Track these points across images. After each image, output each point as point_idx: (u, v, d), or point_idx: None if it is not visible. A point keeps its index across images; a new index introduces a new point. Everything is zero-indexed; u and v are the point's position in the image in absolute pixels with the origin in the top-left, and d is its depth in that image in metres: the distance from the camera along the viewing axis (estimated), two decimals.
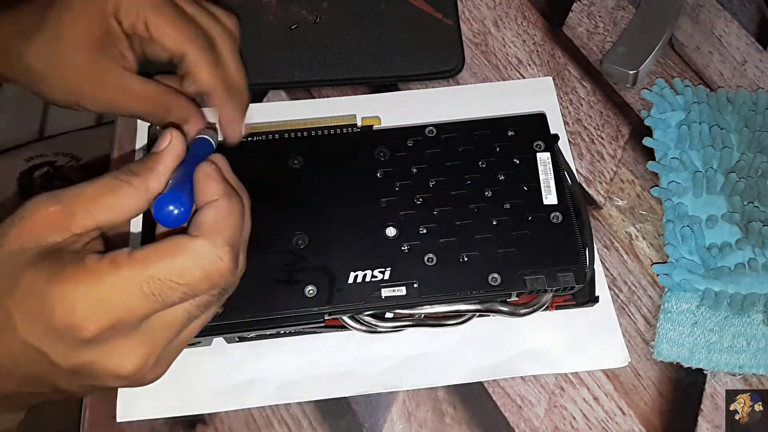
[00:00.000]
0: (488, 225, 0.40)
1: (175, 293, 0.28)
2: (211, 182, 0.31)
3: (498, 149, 0.42)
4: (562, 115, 0.50)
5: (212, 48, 0.40)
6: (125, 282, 0.27)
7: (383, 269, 0.38)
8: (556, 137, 0.43)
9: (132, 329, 0.28)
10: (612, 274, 0.45)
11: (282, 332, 0.40)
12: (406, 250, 0.39)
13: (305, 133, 0.43)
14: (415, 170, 0.42)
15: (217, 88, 0.40)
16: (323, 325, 0.39)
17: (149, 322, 0.29)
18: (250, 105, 0.51)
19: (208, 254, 0.28)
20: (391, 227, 0.40)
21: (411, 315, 0.40)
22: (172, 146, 0.32)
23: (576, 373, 0.42)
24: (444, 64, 0.52)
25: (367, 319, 0.39)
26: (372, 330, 0.39)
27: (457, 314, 0.40)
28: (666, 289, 0.44)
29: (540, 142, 0.43)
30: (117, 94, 0.38)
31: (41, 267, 0.27)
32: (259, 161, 0.42)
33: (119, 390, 0.40)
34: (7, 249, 0.28)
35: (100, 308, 0.27)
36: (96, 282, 0.27)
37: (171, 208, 0.30)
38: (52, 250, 0.28)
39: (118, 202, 0.30)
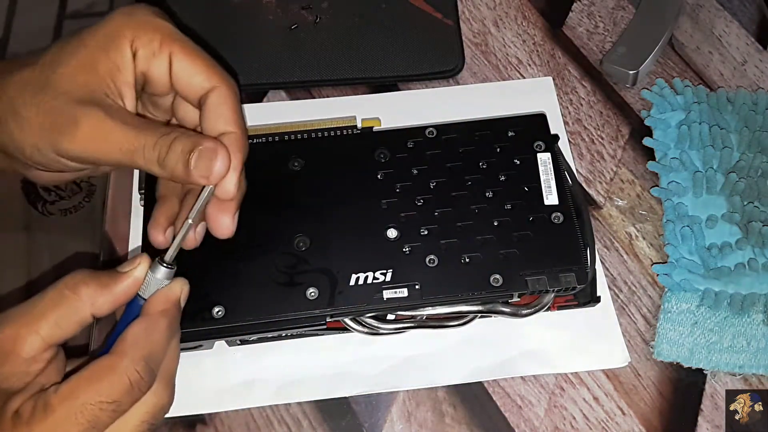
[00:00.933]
0: (489, 226, 0.40)
1: (106, 413, 0.29)
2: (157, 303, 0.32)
3: (498, 150, 0.42)
4: (562, 115, 0.50)
5: None
6: (59, 421, 0.28)
7: (385, 271, 0.38)
8: (556, 137, 0.43)
9: None
10: (612, 274, 0.45)
11: (284, 335, 0.40)
12: (408, 252, 0.39)
13: (305, 135, 0.43)
14: (415, 171, 0.42)
15: (240, 127, 0.34)
16: (325, 327, 0.39)
17: None
18: (250, 105, 0.51)
19: (126, 369, 0.29)
20: (392, 229, 0.40)
21: (413, 317, 0.40)
22: (137, 274, 0.32)
23: (576, 373, 0.42)
24: (444, 64, 0.52)
25: (369, 321, 0.39)
26: (374, 332, 0.39)
27: (458, 315, 0.40)
28: (666, 289, 0.44)
29: (540, 143, 0.43)
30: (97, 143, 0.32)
31: None
32: (259, 163, 0.41)
33: None
34: None
35: None
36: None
37: None
38: None
39: (64, 317, 0.30)
